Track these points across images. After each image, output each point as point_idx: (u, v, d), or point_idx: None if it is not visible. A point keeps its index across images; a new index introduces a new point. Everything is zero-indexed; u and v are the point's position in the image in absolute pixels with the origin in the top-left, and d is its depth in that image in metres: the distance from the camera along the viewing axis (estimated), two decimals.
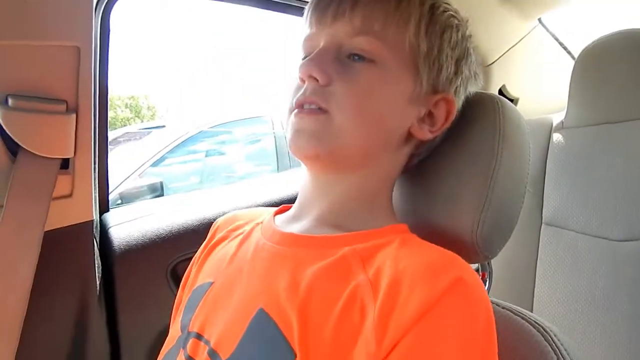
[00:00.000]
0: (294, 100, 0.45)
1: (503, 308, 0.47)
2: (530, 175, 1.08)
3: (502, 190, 0.48)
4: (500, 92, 1.31)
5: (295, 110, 0.45)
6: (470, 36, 0.52)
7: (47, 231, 0.70)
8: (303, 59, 0.47)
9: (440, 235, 0.48)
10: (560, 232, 1.05)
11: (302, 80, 0.45)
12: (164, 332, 0.54)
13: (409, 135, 0.48)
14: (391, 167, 0.49)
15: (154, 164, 2.74)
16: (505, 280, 1.15)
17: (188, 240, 0.91)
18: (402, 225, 0.47)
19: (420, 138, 0.48)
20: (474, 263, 0.50)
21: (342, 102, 0.43)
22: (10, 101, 0.64)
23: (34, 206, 0.68)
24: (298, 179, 1.20)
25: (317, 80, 0.44)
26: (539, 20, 1.26)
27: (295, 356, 0.35)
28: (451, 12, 0.49)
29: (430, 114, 0.48)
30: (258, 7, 0.92)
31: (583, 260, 1.00)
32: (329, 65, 0.44)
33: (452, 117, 0.49)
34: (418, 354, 0.33)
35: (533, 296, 1.07)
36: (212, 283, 0.47)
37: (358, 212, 0.47)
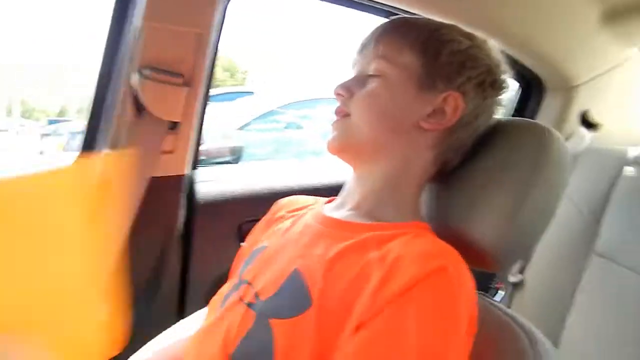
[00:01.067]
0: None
1: (505, 314, 0.53)
2: (590, 202, 1.09)
3: (527, 215, 0.54)
4: (583, 115, 1.28)
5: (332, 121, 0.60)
6: (489, 49, 0.60)
7: (151, 177, 0.88)
8: None
9: (459, 237, 0.55)
10: (610, 265, 1.04)
11: (336, 98, 0.60)
12: (223, 277, 0.69)
13: (419, 127, 0.57)
14: (409, 155, 0.58)
15: (239, 128, 2.96)
16: (539, 299, 1.16)
17: (255, 206, 1.05)
18: (423, 224, 0.56)
19: (430, 129, 0.57)
20: (487, 270, 0.56)
21: (357, 105, 0.57)
22: (144, 71, 0.81)
23: (147, 155, 0.86)
24: None
25: (343, 96, 0.59)
26: None
27: (311, 305, 0.48)
28: (457, 33, 0.58)
29: (441, 111, 0.57)
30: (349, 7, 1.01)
31: (629, 299, 0.99)
32: (352, 85, 0.59)
33: (460, 110, 0.57)
34: (392, 320, 0.43)
35: (564, 323, 1.07)
36: (266, 247, 0.61)
37: (386, 205, 0.57)
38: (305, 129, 3.45)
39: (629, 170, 1.09)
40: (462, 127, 0.57)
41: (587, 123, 1.31)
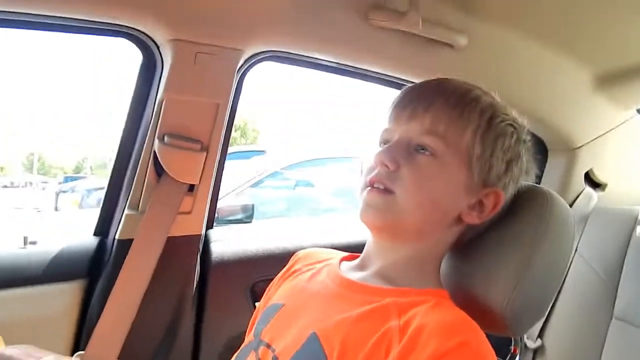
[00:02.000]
0: (368, 179, 0.56)
1: None
2: (606, 265, 1.08)
3: (535, 277, 0.56)
4: (587, 175, 1.31)
5: (368, 188, 0.56)
6: (526, 140, 0.61)
7: (168, 237, 0.91)
8: (380, 146, 0.60)
9: (475, 305, 0.56)
10: (628, 328, 1.01)
11: (376, 165, 0.56)
12: (238, 338, 0.70)
13: (459, 219, 0.58)
14: (441, 243, 0.59)
15: (252, 186, 3.03)
16: None
17: (268, 265, 1.08)
18: (442, 291, 0.56)
19: (469, 222, 0.58)
20: (503, 335, 0.57)
21: (406, 185, 0.54)
22: (165, 138, 0.87)
23: (165, 216, 0.90)
24: None
25: (388, 168, 0.55)
26: (638, 110, 1.25)
27: None
28: (508, 122, 0.59)
29: (480, 203, 0.58)
30: (373, 82, 1.08)
31: None
32: (399, 156, 0.55)
33: (499, 208, 0.58)
34: None
35: None
36: (283, 305, 0.61)
37: (408, 274, 0.57)
38: (317, 187, 3.51)
39: None
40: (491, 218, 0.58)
41: (593, 182, 1.33)
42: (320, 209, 3.43)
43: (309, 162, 3.43)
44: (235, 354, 0.62)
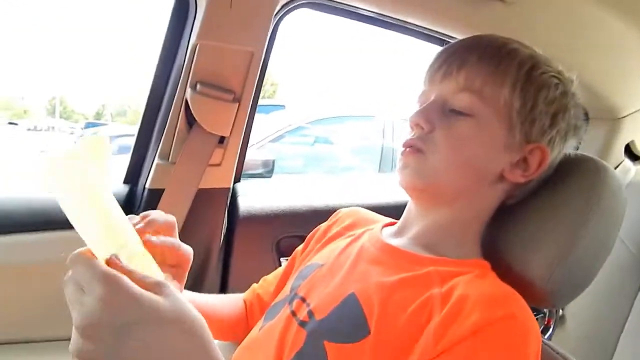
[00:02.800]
0: (404, 141, 0.55)
1: (557, 353, 0.52)
2: (637, 237, 1.05)
3: (581, 251, 0.53)
4: (627, 147, 1.25)
5: (402, 149, 0.55)
6: (574, 94, 0.57)
7: (198, 188, 0.91)
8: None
9: (514, 274, 0.54)
10: None
11: (412, 128, 0.55)
12: None
13: (502, 178, 0.55)
14: (483, 204, 0.57)
15: (272, 141, 3.01)
16: (584, 338, 1.12)
17: (293, 222, 1.08)
18: (484, 262, 0.54)
19: (512, 180, 0.55)
20: (541, 307, 0.55)
21: (438, 146, 0.52)
22: (198, 86, 0.84)
23: (195, 168, 0.89)
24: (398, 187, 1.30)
25: (423, 129, 0.53)
26: None
27: (369, 333, 0.47)
28: (551, 73, 0.55)
29: (525, 160, 0.55)
30: (409, 35, 1.02)
31: None
32: (433, 116, 0.53)
33: (545, 165, 0.55)
34: None
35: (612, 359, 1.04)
36: (321, 265, 0.60)
37: (448, 240, 0.55)
38: (336, 145, 3.47)
39: None
40: (538, 175, 0.55)
41: (632, 155, 1.28)
42: (338, 167, 3.41)
43: (330, 119, 3.37)
44: (270, 306, 0.63)
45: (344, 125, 3.53)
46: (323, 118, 3.40)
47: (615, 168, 1.25)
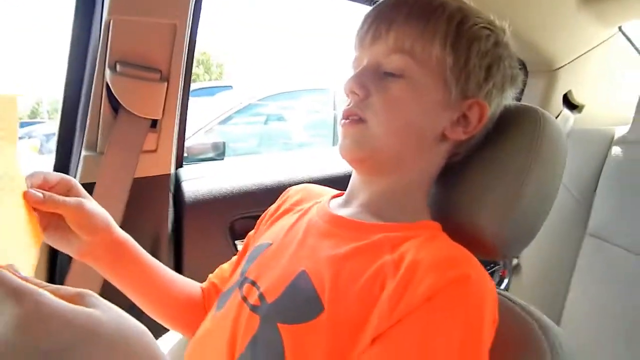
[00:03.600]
0: (342, 112, 0.53)
1: (514, 303, 0.52)
2: (580, 184, 1.10)
3: (527, 200, 0.53)
4: (565, 97, 1.29)
5: (342, 121, 0.53)
6: (507, 43, 0.55)
7: (134, 178, 0.84)
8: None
9: (464, 231, 0.54)
10: (603, 245, 1.05)
11: (347, 95, 0.53)
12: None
13: (444, 137, 0.53)
14: (427, 166, 0.55)
15: (220, 123, 2.91)
16: (538, 283, 1.17)
17: (245, 202, 1.04)
18: (434, 223, 0.53)
19: (454, 139, 0.54)
20: (493, 259, 0.55)
21: (377, 111, 0.50)
22: (117, 67, 0.77)
23: (128, 156, 0.82)
24: None
25: (358, 95, 0.51)
26: (619, 28, 1.21)
27: (323, 309, 0.45)
28: (481, 25, 0.53)
29: (464, 117, 0.53)
30: None
31: (622, 276, 1.00)
32: (368, 81, 0.51)
33: (485, 119, 0.53)
34: (415, 331, 0.40)
35: (564, 304, 1.09)
36: (270, 244, 0.57)
37: (395, 205, 0.53)
38: (288, 121, 3.42)
39: (616, 150, 1.09)
40: (479, 130, 0.54)
41: (570, 104, 1.32)
42: (293, 143, 3.36)
43: (280, 95, 3.30)
44: (221, 292, 0.59)
45: (296, 100, 3.48)
46: (274, 94, 3.33)
47: (556, 118, 1.29)
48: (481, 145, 0.57)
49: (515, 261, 1.19)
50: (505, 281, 1.14)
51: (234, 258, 0.69)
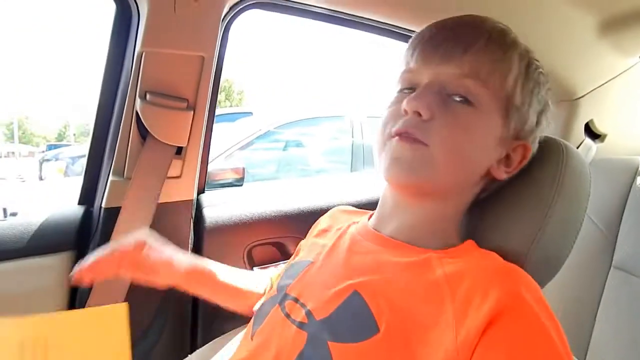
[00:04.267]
0: (394, 129, 0.49)
1: None
2: (605, 215, 1.08)
3: (551, 233, 0.53)
4: (587, 126, 1.28)
5: (396, 138, 0.49)
6: (549, 89, 0.56)
7: (158, 203, 0.86)
8: (400, 91, 0.54)
9: None
10: (629, 278, 1.02)
11: (406, 112, 0.49)
12: None
13: (488, 173, 0.53)
14: (466, 199, 0.55)
15: (240, 148, 2.96)
16: (563, 317, 1.13)
17: (264, 229, 1.05)
18: (472, 242, 0.53)
19: (496, 177, 0.54)
20: None
21: (443, 138, 0.48)
22: (147, 96, 0.80)
23: (153, 182, 0.84)
24: (372, 183, 1.28)
25: (421, 116, 0.48)
26: None
27: (379, 331, 0.44)
28: (541, 70, 0.54)
29: (507, 156, 0.53)
30: (367, 31, 1.00)
31: None
32: (433, 103, 0.48)
33: (526, 161, 0.54)
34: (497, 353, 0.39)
35: (590, 337, 1.05)
36: (311, 262, 0.57)
37: (428, 235, 0.53)
38: (307, 148, 3.45)
39: None
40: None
41: (592, 134, 1.30)
42: (311, 169, 3.38)
43: (300, 122, 3.35)
44: (257, 307, 0.60)
45: (315, 127, 3.51)
46: (293, 121, 3.38)
47: (577, 147, 1.28)
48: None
49: None
50: None
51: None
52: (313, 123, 3.50)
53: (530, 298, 0.42)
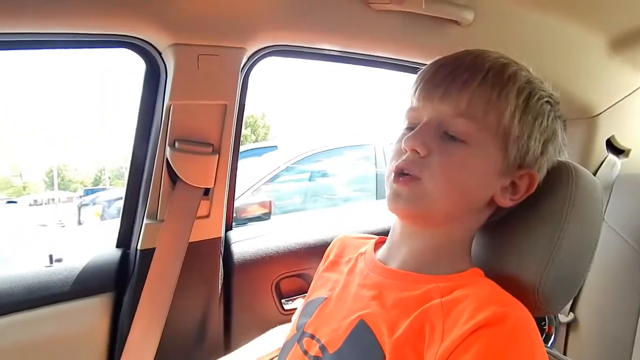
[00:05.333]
0: (395, 165, 0.54)
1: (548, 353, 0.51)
2: (636, 232, 1.05)
3: (565, 254, 0.53)
4: (609, 142, 1.27)
5: (393, 176, 0.53)
6: (561, 115, 0.58)
7: (189, 242, 0.92)
8: (406, 128, 0.57)
9: (506, 286, 0.53)
10: None
11: (405, 150, 0.53)
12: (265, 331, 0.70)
13: (492, 201, 0.55)
14: (472, 227, 0.57)
15: (267, 182, 3.03)
16: (600, 340, 1.10)
17: (290, 260, 1.09)
18: (478, 270, 0.55)
19: (502, 205, 0.55)
20: (536, 315, 0.55)
21: (434, 173, 0.51)
22: (176, 144, 0.87)
23: (184, 223, 0.90)
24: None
25: (419, 153, 0.52)
26: None
27: (384, 356, 0.47)
28: (545, 99, 0.55)
29: (513, 184, 0.55)
30: (378, 67, 1.05)
31: None
32: (430, 141, 0.52)
33: (533, 189, 0.55)
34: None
35: (630, 359, 1.01)
36: (326, 298, 0.61)
37: (440, 258, 0.55)
38: (332, 177, 3.50)
39: None
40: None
41: (615, 149, 1.29)
42: (337, 198, 3.41)
43: (323, 153, 3.41)
44: (280, 349, 0.63)
45: (339, 157, 3.56)
46: (317, 152, 3.44)
47: (600, 165, 1.26)
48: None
49: (571, 316, 1.13)
50: (552, 338, 1.08)
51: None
52: (337, 153, 3.55)
53: (516, 322, 0.44)
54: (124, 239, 0.98)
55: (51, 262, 0.91)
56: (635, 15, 1.01)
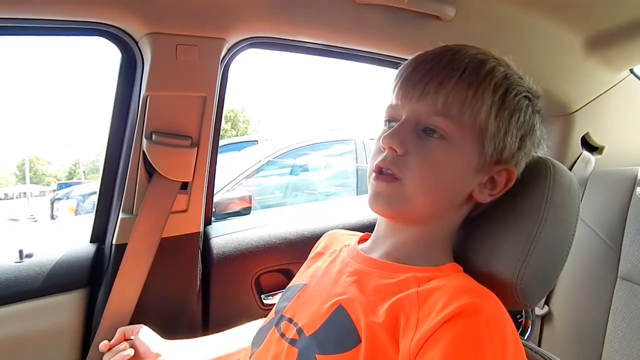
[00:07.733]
0: (375, 163, 0.55)
1: (535, 352, 0.53)
2: (608, 227, 1.08)
3: (543, 249, 0.54)
4: (584, 139, 1.30)
5: (374, 175, 0.55)
6: (540, 110, 0.58)
7: (164, 237, 0.90)
8: (386, 125, 0.58)
9: (485, 280, 0.54)
10: (636, 288, 1.02)
11: (384, 149, 0.55)
12: None
13: (470, 197, 0.56)
14: (452, 223, 0.59)
15: (247, 177, 3.00)
16: (572, 332, 1.13)
17: (270, 256, 1.08)
18: (456, 265, 0.56)
19: (480, 201, 0.56)
20: (513, 308, 0.56)
21: (414, 172, 0.53)
22: (153, 136, 0.84)
23: (158, 217, 0.88)
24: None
25: (396, 152, 0.53)
26: (631, 70, 1.23)
27: (360, 342, 0.48)
28: (523, 94, 0.55)
29: (491, 179, 0.56)
30: (359, 62, 1.04)
31: None
32: (407, 139, 0.53)
33: (511, 184, 0.56)
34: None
35: (602, 350, 1.05)
36: (305, 284, 0.61)
37: (421, 252, 0.56)
38: (312, 172, 3.49)
39: None
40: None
41: (589, 146, 1.32)
42: (317, 193, 3.41)
43: (304, 148, 3.40)
44: (256, 331, 0.63)
45: (320, 152, 3.56)
46: (298, 147, 3.43)
47: (575, 161, 1.29)
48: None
49: (545, 309, 1.16)
50: (529, 331, 1.11)
51: None
52: (318, 148, 3.54)
53: (488, 313, 0.45)
54: (99, 234, 0.95)
55: (21, 257, 0.88)
56: (610, 16, 1.03)
